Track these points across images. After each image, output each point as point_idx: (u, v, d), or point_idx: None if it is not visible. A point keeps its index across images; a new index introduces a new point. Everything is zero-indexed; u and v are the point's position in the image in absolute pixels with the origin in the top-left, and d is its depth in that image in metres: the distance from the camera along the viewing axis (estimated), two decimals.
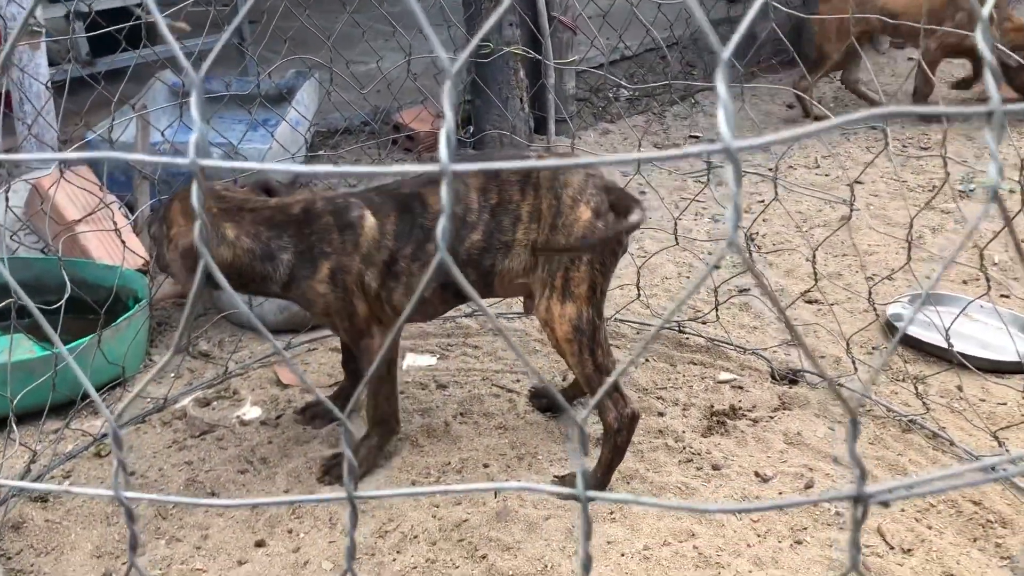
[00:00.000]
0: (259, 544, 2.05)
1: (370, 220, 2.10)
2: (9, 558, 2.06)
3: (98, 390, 2.58)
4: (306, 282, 2.10)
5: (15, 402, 2.17)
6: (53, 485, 1.83)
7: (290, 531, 2.09)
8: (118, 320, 2.57)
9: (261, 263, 2.10)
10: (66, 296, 2.19)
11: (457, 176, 2.10)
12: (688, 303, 3.06)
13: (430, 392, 2.61)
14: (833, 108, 5.23)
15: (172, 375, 2.74)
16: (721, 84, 0.49)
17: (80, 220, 3.07)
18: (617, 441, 2.11)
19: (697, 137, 4.96)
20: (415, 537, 2.05)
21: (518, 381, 2.65)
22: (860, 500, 0.55)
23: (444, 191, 0.50)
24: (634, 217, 2.02)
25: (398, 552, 2.01)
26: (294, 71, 4.35)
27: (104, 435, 2.43)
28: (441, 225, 0.51)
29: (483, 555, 1.99)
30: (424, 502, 2.15)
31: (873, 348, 2.76)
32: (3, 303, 2.17)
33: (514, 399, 2.55)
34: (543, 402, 2.50)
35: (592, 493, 0.59)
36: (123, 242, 2.67)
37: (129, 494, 0.60)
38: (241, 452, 2.36)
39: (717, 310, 2.79)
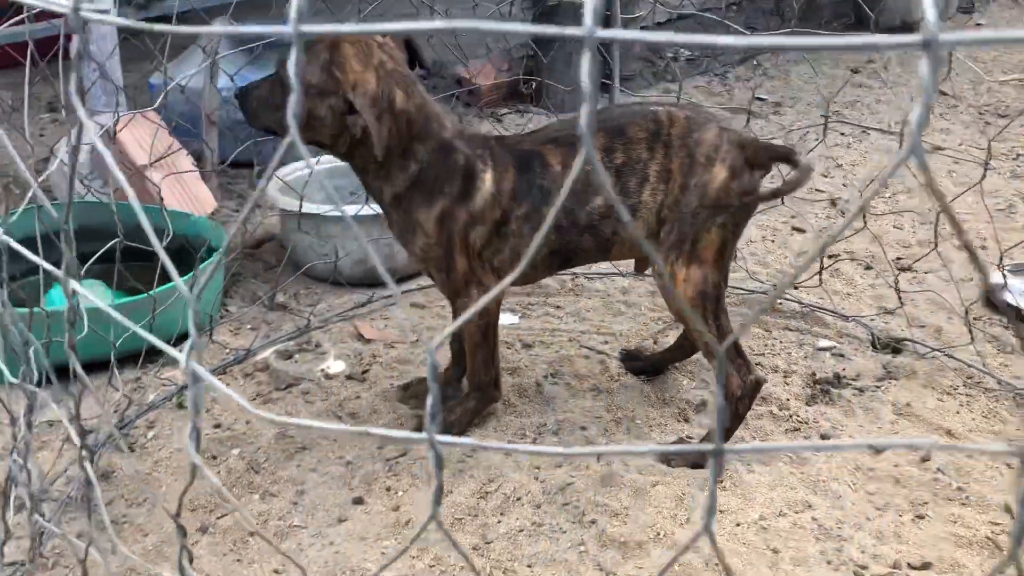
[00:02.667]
0: (357, 501, 1.98)
1: (488, 175, 1.97)
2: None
3: (176, 340, 2.52)
4: (418, 210, 1.95)
5: (117, 344, 2.08)
6: (331, 424, 1.76)
7: (388, 488, 2.02)
8: (201, 266, 2.49)
9: (400, 157, 1.93)
10: (166, 242, 2.10)
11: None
12: (777, 268, 2.96)
13: (516, 351, 2.53)
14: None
15: (248, 326, 2.66)
16: None
17: (150, 165, 2.99)
18: (739, 409, 2.02)
19: (763, 99, 4.81)
20: (518, 499, 1.98)
21: (606, 343, 2.56)
22: None
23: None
24: (797, 175, 1.89)
25: (502, 514, 1.94)
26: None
27: (186, 386, 2.36)
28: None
29: (592, 520, 1.91)
30: (525, 464, 2.08)
31: (975, 318, 2.65)
32: (99, 250, 2.10)
33: (605, 361, 2.46)
34: (636, 365, 2.41)
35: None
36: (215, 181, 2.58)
37: (442, 438, 0.52)
38: (329, 407, 2.29)
39: (821, 274, 2.68)
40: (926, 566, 1.79)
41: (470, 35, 3.98)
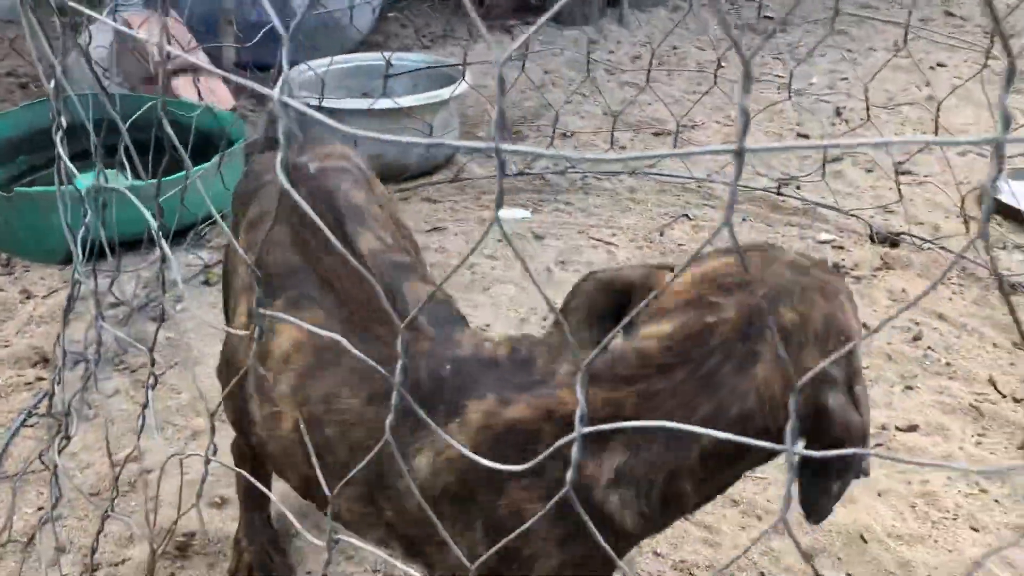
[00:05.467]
0: None
1: None
2: (133, 371, 2.11)
3: (195, 225, 2.62)
4: None
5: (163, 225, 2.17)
6: None
7: None
8: (214, 159, 2.57)
9: None
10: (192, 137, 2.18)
11: None
12: (781, 170, 3.04)
13: (527, 242, 2.62)
14: None
15: None
16: None
17: (170, 60, 3.04)
18: None
19: (770, 17, 4.83)
20: None
21: (614, 235, 2.65)
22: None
23: None
24: None
25: None
26: None
27: (215, 263, 2.46)
28: None
29: None
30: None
31: (970, 216, 2.74)
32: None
33: (612, 251, 2.56)
34: None
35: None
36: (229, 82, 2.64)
37: (507, 147, 0.61)
38: None
39: (824, 168, 2.76)
40: (912, 428, 1.91)
41: None
